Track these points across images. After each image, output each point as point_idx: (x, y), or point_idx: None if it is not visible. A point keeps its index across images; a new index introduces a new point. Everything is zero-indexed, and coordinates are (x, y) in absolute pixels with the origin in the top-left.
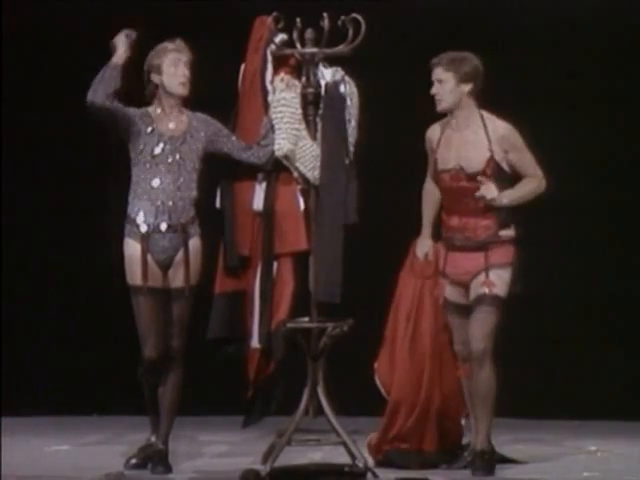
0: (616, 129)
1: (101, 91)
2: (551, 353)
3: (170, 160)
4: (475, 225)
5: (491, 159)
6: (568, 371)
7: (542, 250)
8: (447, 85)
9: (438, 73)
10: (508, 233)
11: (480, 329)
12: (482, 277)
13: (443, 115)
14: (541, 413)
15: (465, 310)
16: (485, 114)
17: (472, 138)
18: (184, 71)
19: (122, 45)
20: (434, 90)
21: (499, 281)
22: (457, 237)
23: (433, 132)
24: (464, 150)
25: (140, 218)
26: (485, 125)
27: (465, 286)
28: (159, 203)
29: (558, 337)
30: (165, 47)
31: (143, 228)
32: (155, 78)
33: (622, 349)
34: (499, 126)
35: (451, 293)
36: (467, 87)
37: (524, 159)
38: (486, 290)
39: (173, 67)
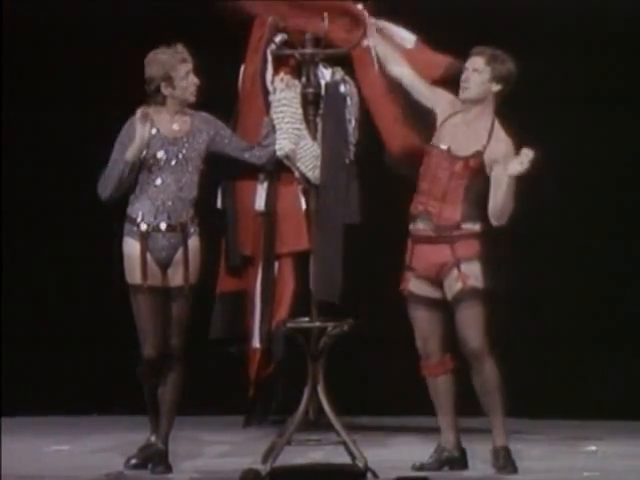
0: (617, 128)
1: (110, 188)
2: (551, 353)
3: (173, 162)
4: (440, 211)
5: (478, 154)
6: (568, 371)
7: (542, 250)
8: (480, 77)
9: (477, 62)
10: (472, 227)
11: (471, 327)
12: (455, 272)
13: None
14: (541, 413)
15: (435, 304)
16: (496, 122)
17: (475, 130)
18: (194, 80)
19: (140, 137)
20: (465, 77)
21: (473, 273)
22: (420, 225)
23: (453, 102)
24: (461, 135)
25: (140, 217)
26: (492, 128)
27: (433, 280)
28: (159, 203)
29: (558, 337)
30: (173, 58)
31: (142, 227)
32: (166, 91)
33: (622, 349)
34: (503, 137)
35: (417, 286)
36: (496, 87)
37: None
38: (461, 284)
39: (185, 80)
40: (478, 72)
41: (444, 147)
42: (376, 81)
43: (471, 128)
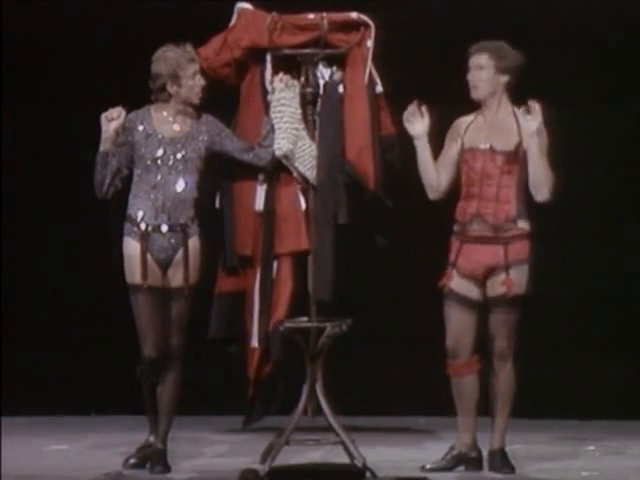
0: (618, 128)
1: (101, 186)
2: (551, 353)
3: (171, 162)
4: (495, 210)
5: (520, 144)
6: (568, 371)
7: (542, 249)
8: (486, 73)
9: (480, 59)
10: (525, 226)
11: (502, 327)
12: (502, 276)
13: (443, 116)
14: (541, 413)
15: (472, 305)
16: (516, 109)
17: (503, 123)
18: (201, 81)
19: (105, 131)
20: (471, 76)
21: (519, 279)
22: (474, 225)
23: (464, 120)
24: (496, 132)
25: (140, 217)
26: (515, 115)
27: (478, 280)
28: (159, 203)
29: (558, 337)
30: (181, 57)
31: (143, 227)
32: (172, 89)
33: (621, 349)
34: (528, 118)
35: (460, 285)
36: (504, 78)
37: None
38: (505, 290)
39: (192, 80)
40: (483, 69)
41: (485, 147)
42: (362, 82)
43: (498, 123)
